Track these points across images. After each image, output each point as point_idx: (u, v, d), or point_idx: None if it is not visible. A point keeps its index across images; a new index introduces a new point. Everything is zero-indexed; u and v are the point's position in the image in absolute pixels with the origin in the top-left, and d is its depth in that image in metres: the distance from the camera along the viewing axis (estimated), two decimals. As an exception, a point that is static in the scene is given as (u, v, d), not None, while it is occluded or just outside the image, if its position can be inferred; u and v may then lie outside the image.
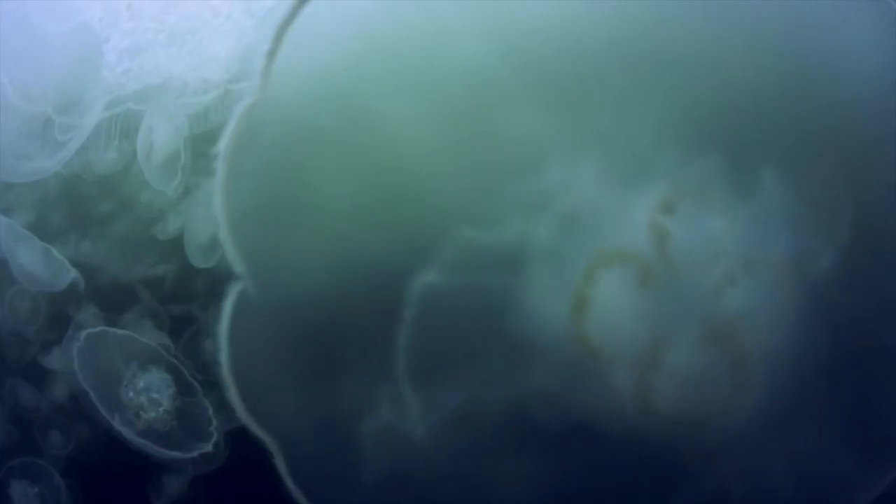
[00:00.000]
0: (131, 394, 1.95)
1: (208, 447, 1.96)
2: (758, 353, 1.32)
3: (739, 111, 1.33)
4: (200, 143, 2.01)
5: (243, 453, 1.98)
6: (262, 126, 1.33)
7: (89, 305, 2.15)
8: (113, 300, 2.16)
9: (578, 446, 1.36)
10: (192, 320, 2.19)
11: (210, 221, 2.08)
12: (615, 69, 1.31)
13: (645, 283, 1.29)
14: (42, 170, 1.81)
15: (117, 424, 1.92)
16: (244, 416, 1.37)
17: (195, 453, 1.94)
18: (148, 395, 1.94)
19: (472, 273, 1.30)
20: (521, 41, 1.30)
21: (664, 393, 1.30)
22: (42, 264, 2.02)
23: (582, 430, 1.33)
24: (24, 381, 2.14)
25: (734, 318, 1.30)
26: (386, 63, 1.34)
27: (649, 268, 1.28)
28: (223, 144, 1.31)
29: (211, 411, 1.97)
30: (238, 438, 2.02)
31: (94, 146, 1.86)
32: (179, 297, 2.19)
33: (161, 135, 1.85)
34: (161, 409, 1.94)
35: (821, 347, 1.40)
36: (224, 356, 1.35)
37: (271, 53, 1.31)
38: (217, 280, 2.10)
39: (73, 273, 2.05)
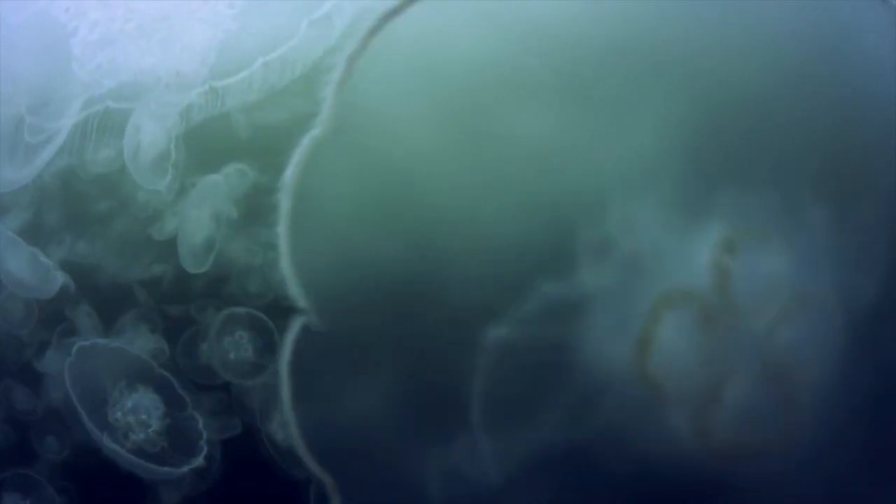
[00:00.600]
0: (119, 414, 1.85)
1: (199, 461, 1.81)
2: (808, 387, 1.33)
3: (787, 147, 1.33)
4: (191, 140, 1.88)
5: (241, 461, 1.98)
6: (331, 157, 1.28)
7: (84, 307, 2.05)
8: (109, 301, 2.06)
9: (638, 482, 1.35)
10: (190, 322, 2.07)
11: (203, 224, 1.99)
12: (674, 110, 1.31)
13: (706, 321, 1.28)
14: (16, 180, 1.66)
15: (106, 442, 1.83)
16: (303, 452, 1.33)
17: (186, 468, 1.78)
18: (136, 417, 1.84)
19: (543, 323, 1.29)
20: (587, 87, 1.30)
21: (721, 428, 1.30)
22: (29, 270, 1.93)
23: (642, 466, 1.33)
24: (20, 384, 2.05)
25: (788, 354, 1.31)
26: (444, 120, 1.31)
27: (711, 306, 1.28)
28: (288, 175, 1.27)
29: (202, 424, 1.83)
30: (235, 446, 1.98)
31: (81, 146, 1.71)
32: (177, 298, 2.08)
33: (147, 133, 1.69)
34: (150, 429, 1.85)
35: (864, 379, 1.39)
36: (285, 391, 1.32)
37: (341, 83, 1.26)
38: (215, 281, 2.10)
39: (62, 278, 1.96)
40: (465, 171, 1.29)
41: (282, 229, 1.29)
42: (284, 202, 1.28)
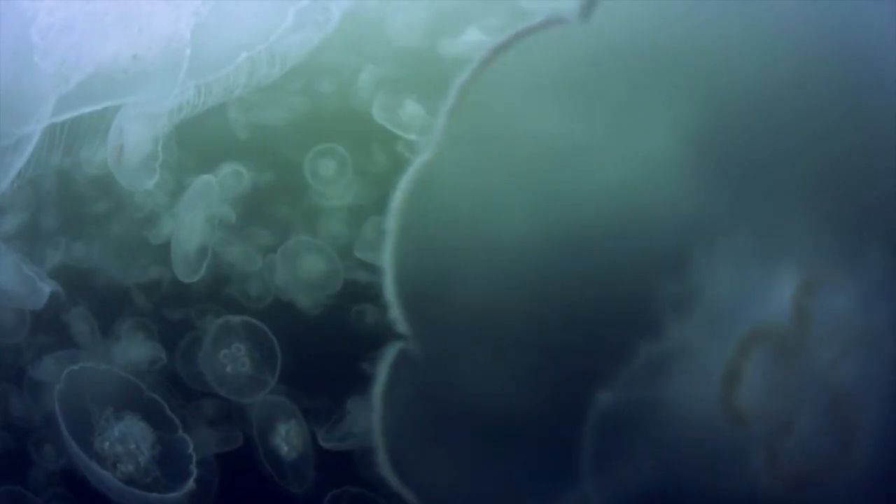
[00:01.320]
0: (107, 444, 1.72)
1: (190, 485, 1.68)
2: (869, 418, 1.33)
3: (856, 184, 1.30)
4: (186, 141, 1.75)
5: (240, 478, 1.85)
6: (438, 184, 1.24)
7: (81, 310, 1.93)
8: (107, 304, 1.95)
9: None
10: (189, 326, 1.95)
11: (197, 227, 1.83)
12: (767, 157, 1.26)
13: (788, 356, 1.27)
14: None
15: (95, 471, 1.70)
16: (393, 480, 1.27)
17: (176, 494, 1.62)
18: (125, 446, 1.71)
19: (641, 379, 1.26)
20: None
21: (790, 458, 1.30)
22: (15, 281, 1.80)
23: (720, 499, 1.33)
24: (17, 390, 1.95)
25: (851, 386, 1.31)
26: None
27: (789, 342, 1.28)
28: (396, 200, 1.22)
29: (192, 447, 1.68)
30: (234, 463, 1.86)
31: (51, 151, 1.54)
32: (176, 302, 1.96)
33: (131, 134, 1.51)
34: (140, 459, 1.71)
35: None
36: (377, 418, 1.26)
37: (452, 111, 1.21)
38: (215, 284, 1.96)
39: (49, 288, 1.83)
40: (563, 230, 1.24)
41: (387, 254, 1.22)
42: (391, 226, 1.22)
